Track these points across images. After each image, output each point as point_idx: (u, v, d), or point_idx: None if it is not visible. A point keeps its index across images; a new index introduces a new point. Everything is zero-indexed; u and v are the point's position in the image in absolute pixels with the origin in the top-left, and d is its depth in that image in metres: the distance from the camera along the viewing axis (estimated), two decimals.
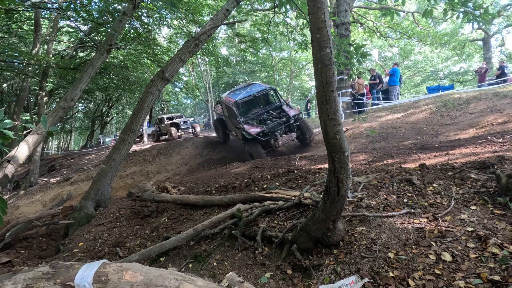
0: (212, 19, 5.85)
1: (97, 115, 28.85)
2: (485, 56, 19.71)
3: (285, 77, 31.54)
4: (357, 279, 1.78)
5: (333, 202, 1.93)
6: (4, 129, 1.86)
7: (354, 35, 19.03)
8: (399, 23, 16.66)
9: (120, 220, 4.44)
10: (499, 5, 19.41)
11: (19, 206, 8.91)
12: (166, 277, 1.58)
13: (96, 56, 5.57)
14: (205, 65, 24.41)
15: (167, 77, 5.47)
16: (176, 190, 5.12)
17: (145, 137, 18.72)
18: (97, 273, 1.63)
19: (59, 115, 4.94)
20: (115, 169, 5.39)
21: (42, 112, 12.58)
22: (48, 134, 2.46)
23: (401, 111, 9.99)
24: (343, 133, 1.80)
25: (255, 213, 2.87)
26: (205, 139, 13.24)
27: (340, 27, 11.64)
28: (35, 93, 18.50)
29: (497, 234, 1.89)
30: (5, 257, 4.02)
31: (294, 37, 8.49)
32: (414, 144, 6.69)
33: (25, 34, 13.90)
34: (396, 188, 2.81)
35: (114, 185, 7.96)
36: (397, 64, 12.97)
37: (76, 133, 38.27)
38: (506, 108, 7.65)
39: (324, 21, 1.66)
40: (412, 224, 2.18)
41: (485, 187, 2.52)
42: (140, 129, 5.84)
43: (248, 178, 5.04)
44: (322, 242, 2.18)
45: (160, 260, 2.89)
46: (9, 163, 3.98)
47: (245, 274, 2.24)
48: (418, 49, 27.26)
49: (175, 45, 13.72)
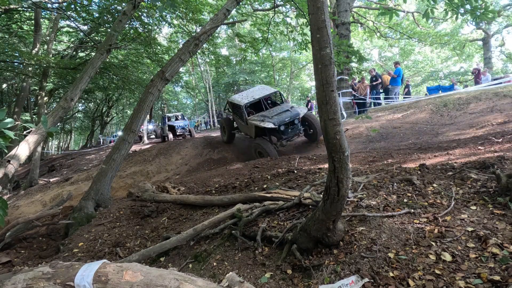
0: (212, 19, 5.85)
1: (97, 115, 28.86)
2: (485, 56, 19.69)
3: (285, 77, 31.54)
4: (357, 279, 1.78)
5: (333, 202, 1.93)
6: (4, 129, 1.86)
7: (354, 35, 19.04)
8: (399, 23, 16.65)
9: (120, 220, 4.44)
10: (499, 5, 19.41)
11: (19, 206, 8.91)
12: (166, 277, 1.58)
13: (96, 56, 5.56)
14: (205, 65, 24.42)
15: (167, 77, 5.47)
16: (176, 190, 5.12)
17: (145, 137, 18.71)
18: (97, 273, 1.63)
19: (59, 115, 4.94)
20: (115, 169, 5.38)
21: (42, 112, 12.58)
22: (48, 134, 2.46)
23: (401, 111, 9.99)
24: (343, 133, 1.80)
25: (255, 213, 2.88)
26: (205, 139, 13.23)
27: (340, 27, 11.63)
28: (35, 93, 18.49)
29: (497, 234, 1.89)
30: (5, 257, 4.02)
31: (294, 37, 8.49)
32: (414, 144, 6.69)
33: (25, 34, 13.90)
34: (396, 188, 2.81)
35: (114, 185, 7.96)
36: (399, 63, 12.83)
37: (76, 133, 38.28)
38: (506, 108, 7.64)
39: (324, 21, 1.66)
40: (412, 224, 2.18)
41: (485, 187, 2.51)
42: (140, 129, 5.84)
43: (248, 178, 5.04)
44: (322, 242, 2.18)
45: (160, 260, 2.89)
46: (9, 163, 3.98)
47: (245, 274, 2.24)
48: (418, 49, 27.26)
49: (175, 45, 13.72)
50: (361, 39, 22.73)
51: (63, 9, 7.50)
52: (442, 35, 17.33)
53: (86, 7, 8.87)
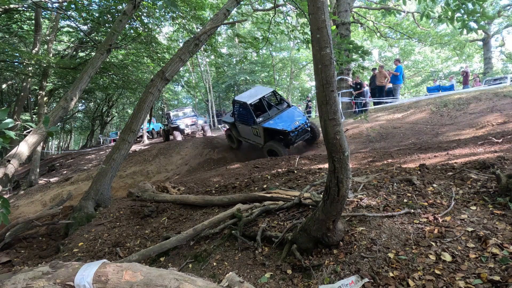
0: (212, 19, 5.85)
1: (97, 115, 28.86)
2: (485, 56, 19.70)
3: (285, 77, 31.53)
4: (357, 279, 1.78)
5: (333, 202, 1.93)
6: (5, 129, 1.86)
7: (354, 35, 19.03)
8: (399, 23, 16.65)
9: (120, 220, 4.44)
10: (499, 5, 19.41)
11: (19, 206, 8.92)
12: (166, 277, 1.58)
13: (96, 56, 5.56)
14: (205, 65, 24.42)
15: (167, 77, 5.47)
16: (176, 190, 5.12)
17: (145, 137, 18.71)
18: (97, 273, 1.63)
19: (59, 115, 4.94)
20: (115, 169, 5.38)
21: (42, 112, 12.58)
22: (48, 134, 2.47)
23: (401, 111, 9.99)
24: (343, 133, 1.80)
25: (255, 213, 2.87)
26: (205, 139, 13.24)
27: (340, 27, 11.62)
28: (35, 93, 18.49)
29: (497, 234, 1.89)
30: (5, 257, 4.02)
31: (295, 36, 8.48)
32: (414, 144, 6.69)
33: (25, 34, 13.91)
34: (396, 188, 2.81)
35: (114, 185, 7.96)
36: (399, 61, 12.65)
37: (76, 133, 38.26)
38: (506, 108, 7.65)
39: (324, 21, 1.66)
40: (412, 224, 2.18)
41: (485, 187, 2.51)
42: (140, 129, 5.84)
43: (248, 178, 5.04)
44: (322, 242, 2.18)
45: (160, 260, 2.89)
46: (9, 163, 3.98)
47: (245, 274, 2.24)
48: (418, 49, 27.26)
49: (176, 44, 13.71)
50: (361, 39, 22.71)
51: (63, 9, 7.49)
52: (442, 36, 17.35)
53: (86, 7, 8.87)
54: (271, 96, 9.80)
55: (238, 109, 9.50)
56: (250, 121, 8.87)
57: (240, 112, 9.45)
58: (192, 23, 10.57)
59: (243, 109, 9.11)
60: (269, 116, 8.81)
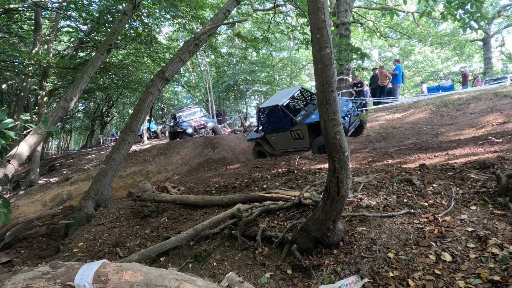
0: (212, 19, 5.85)
1: (97, 115, 28.85)
2: (485, 56, 19.70)
3: (285, 77, 31.53)
4: (357, 279, 1.78)
5: (333, 202, 1.93)
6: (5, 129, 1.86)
7: (354, 35, 19.05)
8: (399, 23, 16.65)
9: (120, 220, 4.44)
10: (499, 5, 19.41)
11: (19, 206, 8.92)
12: (166, 277, 1.58)
13: (96, 56, 5.57)
14: (205, 65, 24.42)
15: (167, 77, 5.47)
16: (176, 190, 5.12)
17: (145, 137, 18.71)
18: (97, 273, 1.63)
19: (59, 115, 4.94)
20: (115, 169, 5.39)
21: (42, 112, 12.59)
22: (48, 134, 2.47)
23: (401, 111, 9.99)
24: (343, 133, 1.80)
25: (255, 213, 2.88)
26: (205, 139, 13.23)
27: (340, 27, 11.63)
28: (35, 93, 18.49)
29: (497, 234, 1.89)
30: (5, 257, 4.02)
31: (295, 36, 8.48)
32: (414, 144, 6.69)
33: (25, 34, 13.90)
34: (396, 188, 2.81)
35: (114, 185, 7.96)
36: (398, 61, 12.57)
37: (76, 133, 38.26)
38: (506, 108, 7.65)
39: (324, 21, 1.66)
40: (412, 224, 2.18)
41: (485, 187, 2.52)
42: (140, 128, 5.83)
43: (248, 178, 5.04)
44: (322, 242, 2.18)
45: (160, 260, 2.89)
46: (9, 163, 3.98)
47: (245, 274, 2.24)
48: (418, 49, 27.26)
49: (176, 44, 13.71)
50: (361, 39, 22.74)
51: (63, 9, 7.50)
52: (442, 35, 17.36)
53: (86, 7, 8.88)
54: (300, 94, 8.85)
55: (267, 118, 8.21)
56: (287, 125, 7.72)
57: (270, 121, 8.20)
58: (192, 23, 10.56)
59: (274, 115, 7.94)
60: (308, 113, 7.74)
